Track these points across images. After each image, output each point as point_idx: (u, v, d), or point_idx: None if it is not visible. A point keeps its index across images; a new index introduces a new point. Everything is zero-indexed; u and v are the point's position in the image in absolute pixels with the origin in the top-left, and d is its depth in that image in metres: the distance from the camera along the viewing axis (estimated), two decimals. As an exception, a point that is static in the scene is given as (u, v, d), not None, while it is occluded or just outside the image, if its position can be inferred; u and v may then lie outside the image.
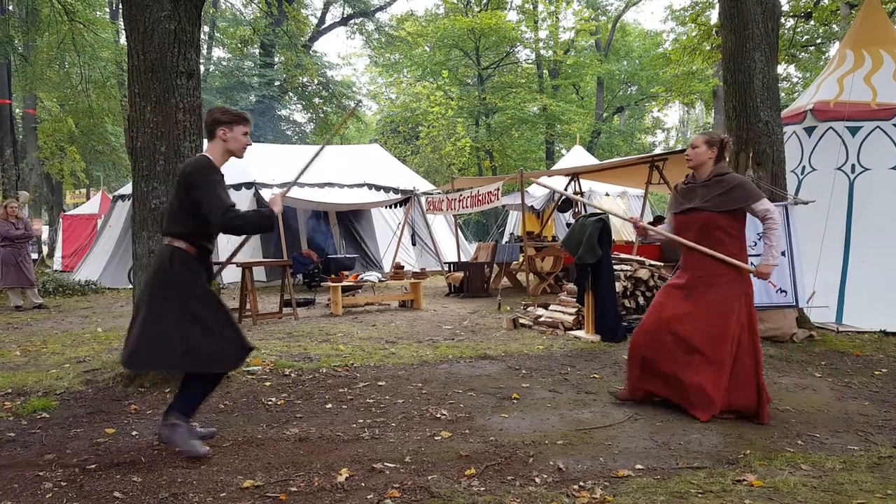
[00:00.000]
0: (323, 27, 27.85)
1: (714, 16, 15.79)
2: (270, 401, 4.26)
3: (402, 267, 10.34)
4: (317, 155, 3.74)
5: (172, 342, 3.06)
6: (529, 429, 3.63)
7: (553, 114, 26.73)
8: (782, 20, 12.93)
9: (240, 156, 3.35)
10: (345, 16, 27.54)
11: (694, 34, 16.26)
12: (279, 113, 26.31)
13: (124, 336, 3.35)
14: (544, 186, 6.42)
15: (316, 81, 25.27)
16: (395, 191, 14.21)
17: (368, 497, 2.72)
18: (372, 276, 10.00)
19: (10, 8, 16.15)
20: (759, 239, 5.93)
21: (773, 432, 3.55)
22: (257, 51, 25.11)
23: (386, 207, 14.00)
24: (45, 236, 22.12)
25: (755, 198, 3.72)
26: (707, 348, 3.72)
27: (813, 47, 19.06)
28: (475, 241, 18.08)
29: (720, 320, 3.72)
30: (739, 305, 3.75)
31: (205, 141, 3.40)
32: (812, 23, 16.42)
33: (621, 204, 16.60)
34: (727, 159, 3.93)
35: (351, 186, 14.00)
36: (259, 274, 12.26)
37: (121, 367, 4.87)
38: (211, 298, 3.24)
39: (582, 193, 13.24)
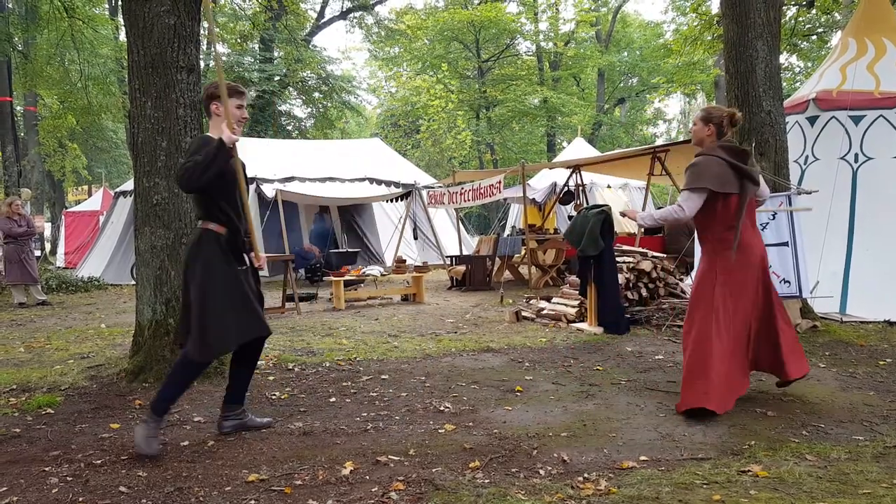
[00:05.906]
0: (322, 21, 27.73)
1: (715, 5, 15.70)
2: (274, 395, 4.27)
3: (404, 261, 10.33)
4: None
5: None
6: (533, 421, 3.63)
7: (554, 106, 26.64)
8: (784, 9, 12.85)
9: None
10: (344, 10, 27.44)
11: (695, 24, 16.17)
12: (279, 108, 26.23)
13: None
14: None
15: (316, 76, 25.19)
16: (397, 185, 14.19)
17: (373, 490, 2.73)
18: (374, 270, 10.00)
19: (10, 5, 16.11)
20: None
21: (777, 423, 3.54)
22: (257, 46, 25.04)
23: (387, 201, 14.01)
24: (47, 233, 22.16)
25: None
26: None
27: (815, 36, 18.94)
28: (477, 234, 18.07)
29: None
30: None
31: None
32: (814, 11, 16.32)
33: (623, 196, 16.53)
34: (729, 135, 3.82)
35: (352, 181, 13.99)
36: (261, 269, 12.24)
37: (125, 362, 4.89)
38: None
39: (584, 186, 13.20)
